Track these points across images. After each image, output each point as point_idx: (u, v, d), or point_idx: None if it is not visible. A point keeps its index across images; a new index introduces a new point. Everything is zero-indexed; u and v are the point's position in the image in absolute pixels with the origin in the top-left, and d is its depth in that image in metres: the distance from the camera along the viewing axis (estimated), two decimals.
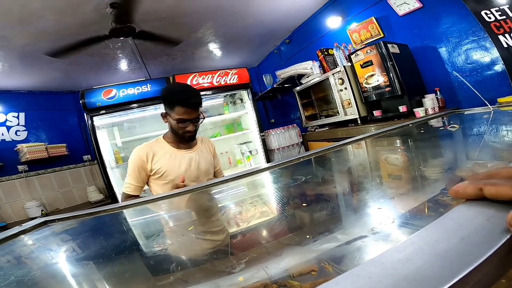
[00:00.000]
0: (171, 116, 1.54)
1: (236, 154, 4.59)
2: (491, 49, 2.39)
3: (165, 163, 1.57)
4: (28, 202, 4.08)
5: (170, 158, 1.59)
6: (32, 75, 4.07)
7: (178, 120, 1.52)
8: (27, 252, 0.70)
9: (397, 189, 0.71)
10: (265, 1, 3.54)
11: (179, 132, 1.57)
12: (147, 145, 1.62)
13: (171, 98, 1.54)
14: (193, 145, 1.72)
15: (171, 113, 1.54)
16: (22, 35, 2.95)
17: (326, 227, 0.57)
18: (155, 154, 1.58)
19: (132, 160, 1.57)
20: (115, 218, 0.91)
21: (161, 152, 1.60)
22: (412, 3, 2.91)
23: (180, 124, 1.53)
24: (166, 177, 1.56)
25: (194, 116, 1.54)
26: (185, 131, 1.56)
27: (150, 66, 4.57)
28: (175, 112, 1.51)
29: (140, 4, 2.90)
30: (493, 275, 0.24)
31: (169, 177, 1.56)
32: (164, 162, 1.57)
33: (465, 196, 0.32)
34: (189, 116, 1.52)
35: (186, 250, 0.59)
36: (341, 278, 0.24)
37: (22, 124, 4.40)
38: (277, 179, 1.12)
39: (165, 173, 1.56)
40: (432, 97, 2.66)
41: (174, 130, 1.59)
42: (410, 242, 0.27)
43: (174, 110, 1.51)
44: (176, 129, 1.57)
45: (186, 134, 1.58)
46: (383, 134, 1.44)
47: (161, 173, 1.56)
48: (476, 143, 0.98)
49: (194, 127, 1.57)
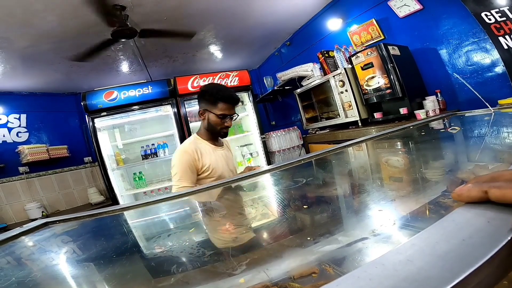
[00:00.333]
0: (213, 112, 1.62)
1: (237, 157, 4.59)
2: (492, 51, 2.39)
3: (211, 159, 1.62)
4: (29, 203, 4.09)
5: (212, 154, 1.65)
6: (34, 76, 4.08)
7: (220, 116, 1.61)
8: (28, 253, 0.70)
9: (398, 191, 0.70)
10: (266, 3, 3.55)
11: (217, 128, 1.65)
12: (190, 143, 1.65)
13: (216, 94, 1.61)
14: (221, 143, 1.79)
15: (213, 109, 1.62)
16: (24, 37, 2.96)
17: (327, 229, 0.57)
18: (201, 151, 1.62)
19: (184, 160, 1.56)
20: (116, 220, 0.91)
21: (203, 149, 1.64)
22: (413, 5, 2.92)
23: (221, 120, 1.62)
24: (214, 174, 1.60)
25: (233, 112, 1.66)
26: (223, 127, 1.65)
27: (151, 68, 4.59)
28: (218, 108, 1.61)
29: (141, 6, 2.92)
30: (494, 277, 0.24)
31: (217, 173, 1.61)
32: (210, 158, 1.62)
33: (469, 199, 0.32)
34: (230, 112, 1.64)
35: (187, 252, 0.59)
36: (342, 279, 0.24)
37: (24, 126, 4.41)
38: (277, 181, 1.12)
39: (213, 170, 1.60)
40: (433, 99, 2.66)
41: (212, 126, 1.66)
42: (411, 244, 0.27)
43: (217, 106, 1.61)
44: (216, 124, 1.64)
45: (223, 130, 1.67)
46: (384, 136, 1.44)
47: (210, 170, 1.60)
48: (477, 145, 0.98)
49: (231, 122, 1.67)
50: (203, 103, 1.66)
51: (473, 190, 0.32)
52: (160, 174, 4.54)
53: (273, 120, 6.13)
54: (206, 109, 1.65)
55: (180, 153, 1.58)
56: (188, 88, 4.07)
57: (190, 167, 1.55)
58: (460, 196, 0.33)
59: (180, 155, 1.57)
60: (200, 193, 1.05)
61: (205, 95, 1.65)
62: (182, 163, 1.55)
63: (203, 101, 1.66)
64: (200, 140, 1.69)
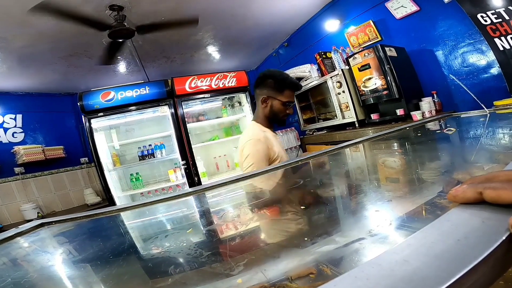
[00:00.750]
0: (278, 99, 1.61)
1: (235, 157, 4.59)
2: (487, 52, 2.42)
3: (278, 147, 1.62)
4: (24, 204, 4.07)
5: (276, 141, 1.64)
6: (30, 77, 4.06)
7: (286, 103, 1.61)
8: (24, 254, 0.69)
9: (395, 192, 0.71)
10: (264, 5, 3.56)
11: (280, 115, 1.64)
12: (259, 132, 1.61)
13: (283, 81, 1.61)
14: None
15: (278, 96, 1.61)
16: (21, 37, 2.95)
17: (324, 229, 0.57)
18: (269, 139, 1.60)
19: (260, 149, 1.51)
20: (112, 221, 0.91)
21: (270, 137, 1.62)
22: (409, 6, 2.94)
23: (286, 107, 1.62)
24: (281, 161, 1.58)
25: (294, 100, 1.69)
26: (285, 114, 1.65)
27: (149, 69, 4.58)
28: (284, 95, 1.60)
29: (139, 7, 2.91)
30: (490, 276, 0.24)
31: (283, 160, 1.58)
32: (276, 146, 1.61)
33: (464, 200, 0.32)
34: (293, 99, 1.66)
35: (183, 252, 0.59)
36: (339, 279, 0.24)
37: (19, 126, 4.39)
38: (274, 182, 1.12)
39: (281, 158, 1.59)
40: (429, 100, 2.68)
41: (275, 113, 1.64)
42: (407, 244, 0.27)
43: (284, 93, 1.60)
44: (279, 112, 1.63)
45: (285, 117, 1.67)
46: (381, 137, 1.45)
47: (279, 158, 1.58)
48: (472, 146, 0.99)
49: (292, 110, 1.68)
50: (265, 90, 1.63)
51: (469, 191, 0.32)
52: (157, 175, 4.53)
53: None
54: (270, 96, 1.62)
55: (254, 142, 1.52)
56: (185, 88, 4.06)
57: (265, 156, 1.51)
58: (456, 197, 0.33)
59: (255, 144, 1.51)
60: (199, 195, 1.05)
61: (269, 82, 1.62)
62: (259, 152, 1.50)
63: (265, 88, 1.63)
64: (262, 128, 1.65)
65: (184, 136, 4.02)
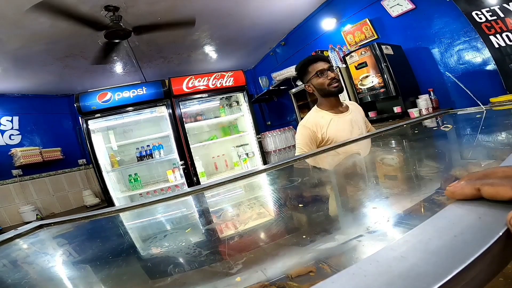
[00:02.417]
0: (310, 78, 1.72)
1: (233, 157, 4.59)
2: (483, 50, 2.43)
3: (331, 130, 1.66)
4: (23, 206, 4.05)
5: (333, 124, 1.68)
6: (26, 78, 4.04)
7: (318, 73, 1.68)
8: (23, 256, 0.69)
9: (392, 189, 0.71)
10: (261, 4, 3.55)
11: (326, 87, 1.68)
12: (310, 118, 1.73)
13: (303, 65, 1.75)
14: (346, 108, 1.79)
15: (311, 75, 1.71)
16: (16, 38, 2.93)
17: (322, 227, 0.58)
18: (320, 124, 1.68)
19: (303, 134, 1.68)
20: (111, 222, 0.91)
21: (323, 121, 1.69)
22: (405, 5, 2.95)
23: (322, 77, 1.68)
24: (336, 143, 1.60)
25: (328, 66, 1.71)
26: (329, 82, 1.67)
27: (146, 69, 4.56)
28: (311, 72, 1.71)
29: (135, 7, 2.90)
30: (488, 273, 0.24)
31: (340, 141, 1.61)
32: (330, 129, 1.66)
33: (462, 196, 0.32)
34: (324, 66, 1.69)
35: (183, 252, 0.59)
36: (337, 276, 0.24)
37: (16, 128, 4.36)
38: (273, 180, 1.12)
39: (334, 140, 1.63)
40: (426, 98, 2.69)
41: (321, 89, 1.71)
42: (404, 241, 0.27)
43: (309, 71, 1.72)
44: (322, 84, 1.69)
45: (333, 85, 1.68)
46: (378, 135, 1.45)
47: (330, 141, 1.64)
48: (469, 143, 0.99)
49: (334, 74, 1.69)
50: (302, 80, 1.80)
51: (466, 187, 0.32)
52: (155, 175, 4.52)
53: (268, 120, 6.14)
54: (306, 82, 1.76)
55: (301, 128, 1.71)
56: (183, 88, 4.05)
57: (310, 140, 1.66)
58: (453, 194, 0.33)
59: (301, 130, 1.71)
60: (196, 196, 1.05)
61: (299, 73, 1.80)
62: (303, 137, 1.68)
63: (301, 79, 1.81)
64: (321, 112, 1.74)
65: (182, 136, 4.01)
